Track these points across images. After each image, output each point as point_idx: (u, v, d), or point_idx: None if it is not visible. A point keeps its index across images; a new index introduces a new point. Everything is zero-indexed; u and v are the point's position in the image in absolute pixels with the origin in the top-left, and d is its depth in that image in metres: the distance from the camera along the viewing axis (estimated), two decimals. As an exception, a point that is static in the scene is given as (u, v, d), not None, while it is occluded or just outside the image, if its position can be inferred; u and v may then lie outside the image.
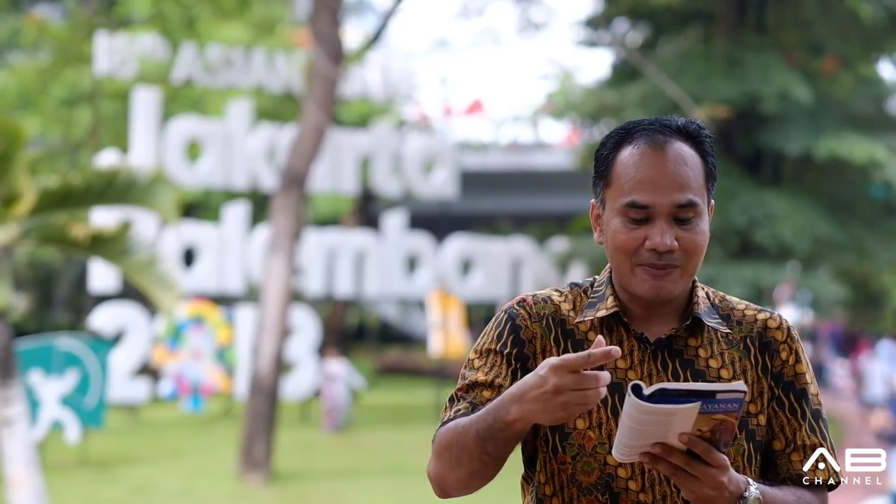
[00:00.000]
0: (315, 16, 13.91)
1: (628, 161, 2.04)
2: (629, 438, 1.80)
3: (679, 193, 2.01)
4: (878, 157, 17.69)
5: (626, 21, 21.93)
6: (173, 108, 20.46)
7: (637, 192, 2.02)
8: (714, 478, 1.83)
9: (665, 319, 2.09)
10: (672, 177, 2.02)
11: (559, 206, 30.45)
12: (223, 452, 14.59)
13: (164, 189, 9.30)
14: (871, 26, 18.41)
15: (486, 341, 2.10)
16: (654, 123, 2.07)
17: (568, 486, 2.05)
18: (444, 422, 2.03)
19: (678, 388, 1.75)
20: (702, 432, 1.79)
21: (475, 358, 2.09)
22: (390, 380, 26.68)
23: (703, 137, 2.08)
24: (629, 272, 2.05)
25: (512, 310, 2.13)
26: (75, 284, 21.34)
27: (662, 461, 1.83)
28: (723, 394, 1.76)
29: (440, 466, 2.01)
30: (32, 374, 12.56)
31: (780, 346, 2.11)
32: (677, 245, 2.01)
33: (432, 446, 2.04)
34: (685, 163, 2.03)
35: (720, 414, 1.77)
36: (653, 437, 1.79)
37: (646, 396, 1.73)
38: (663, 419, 1.75)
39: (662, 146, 2.03)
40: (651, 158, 2.03)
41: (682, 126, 2.07)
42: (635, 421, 1.77)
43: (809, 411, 2.10)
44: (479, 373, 2.06)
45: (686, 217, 2.02)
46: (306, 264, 19.10)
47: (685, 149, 2.05)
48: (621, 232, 2.03)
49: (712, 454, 1.82)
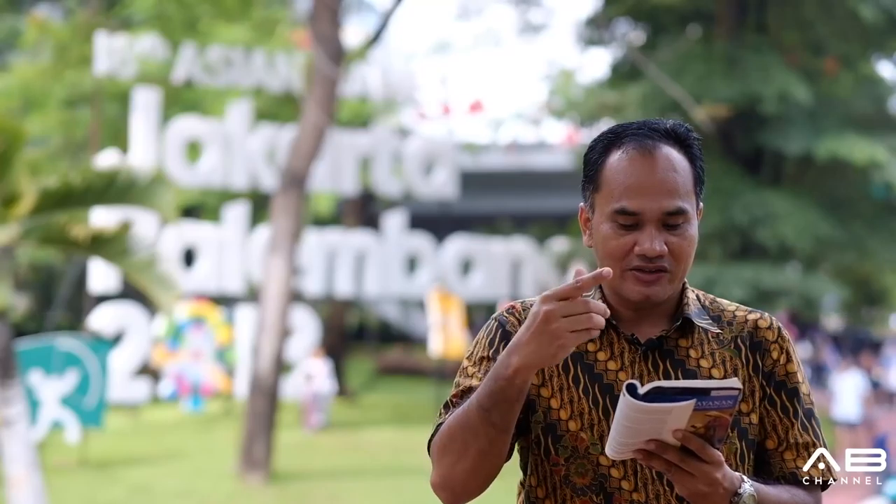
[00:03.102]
0: (315, 16, 13.91)
1: (617, 166, 2.05)
2: (623, 437, 1.81)
3: (668, 200, 2.02)
4: (878, 157, 17.69)
5: (626, 21, 21.94)
6: (173, 108, 20.45)
7: (627, 199, 2.03)
8: (708, 474, 1.84)
9: (655, 321, 2.10)
10: (661, 183, 2.02)
11: (559, 206, 30.44)
12: (223, 452, 14.59)
13: (164, 189, 9.29)
14: (871, 26, 18.41)
15: (479, 349, 2.12)
16: (642, 127, 2.07)
17: (561, 488, 2.06)
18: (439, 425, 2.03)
19: (673, 386, 1.76)
20: (696, 429, 1.80)
21: (469, 365, 2.11)
22: (390, 380, 26.67)
23: (691, 141, 2.08)
24: (619, 277, 2.05)
25: (501, 317, 2.14)
26: (75, 284, 21.33)
27: (657, 457, 1.84)
28: (717, 391, 1.77)
29: (445, 464, 1.99)
30: (32, 374, 12.57)
31: (771, 345, 2.12)
32: (667, 250, 2.02)
33: (431, 454, 2.03)
34: (674, 168, 2.04)
35: (714, 411, 1.78)
36: (647, 435, 1.80)
37: (641, 395, 1.74)
38: (658, 417, 1.76)
39: (651, 151, 2.03)
40: (640, 164, 2.03)
41: (671, 129, 2.07)
42: (630, 420, 1.78)
43: (801, 410, 2.11)
44: (472, 379, 2.07)
45: (675, 223, 2.03)
46: (306, 264, 19.11)
47: (674, 154, 2.05)
48: (611, 238, 2.05)
49: (707, 450, 1.82)
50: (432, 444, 2.03)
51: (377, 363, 29.36)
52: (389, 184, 20.38)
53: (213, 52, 18.83)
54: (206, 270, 18.80)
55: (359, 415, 20.00)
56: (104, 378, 13.21)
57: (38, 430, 12.43)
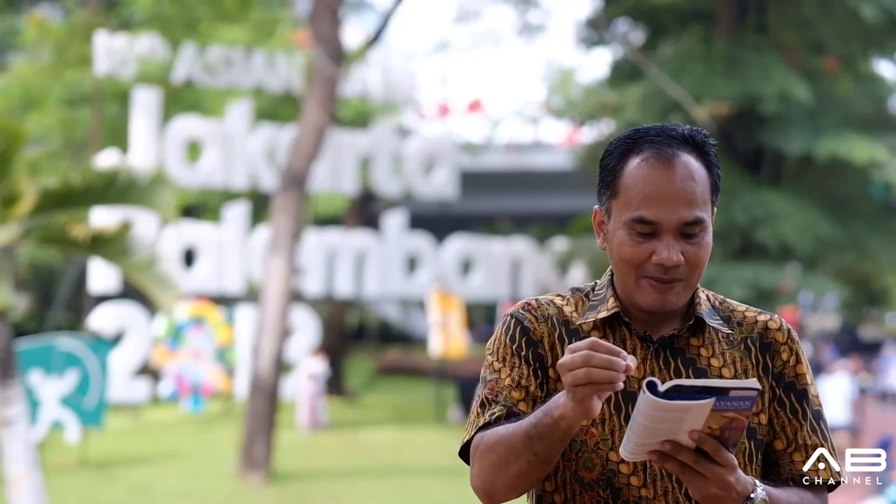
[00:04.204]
0: (315, 16, 13.91)
1: (636, 174, 2.05)
2: (640, 437, 1.81)
3: (686, 210, 2.03)
4: (878, 157, 17.68)
5: (626, 21, 21.93)
6: (173, 108, 20.44)
7: (645, 208, 2.03)
8: (722, 477, 1.84)
9: (667, 321, 2.11)
10: (680, 193, 2.02)
11: (559, 206, 30.47)
12: (223, 452, 14.59)
13: (164, 189, 9.29)
14: (871, 26, 18.40)
15: (501, 346, 2.12)
16: (660, 134, 2.07)
17: (570, 483, 2.07)
18: (481, 427, 2.04)
19: (693, 385, 1.76)
20: (712, 430, 1.80)
21: (494, 361, 2.11)
22: (390, 380, 26.68)
23: (708, 148, 2.08)
24: (634, 283, 2.07)
25: (518, 313, 2.15)
26: (75, 284, 21.32)
27: (671, 459, 1.84)
28: (736, 391, 1.77)
29: (485, 473, 2.00)
30: (32, 374, 12.56)
31: (781, 347, 2.13)
32: (683, 260, 2.04)
33: (472, 453, 2.04)
34: (692, 178, 2.04)
35: (732, 412, 1.78)
36: (663, 435, 1.80)
37: (661, 393, 1.74)
38: (676, 416, 1.76)
39: (671, 160, 2.03)
40: (659, 173, 2.03)
41: (689, 136, 2.07)
42: (648, 418, 1.77)
43: (811, 412, 2.12)
44: (502, 374, 2.08)
45: (692, 232, 2.04)
46: (306, 264, 19.10)
47: (692, 162, 2.05)
48: (628, 245, 2.05)
49: (721, 453, 1.82)
50: (474, 448, 2.03)
51: (377, 363, 29.38)
52: (389, 184, 20.38)
53: (213, 52, 18.83)
54: (206, 270, 18.80)
55: (359, 415, 20.01)
56: (104, 378, 13.21)
57: (38, 430, 12.42)
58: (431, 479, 13.25)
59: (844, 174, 19.29)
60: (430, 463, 14.38)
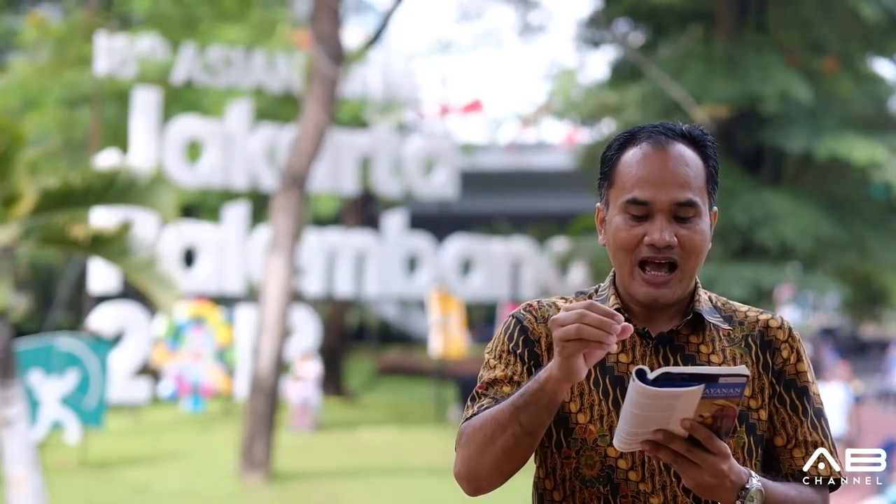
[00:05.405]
0: (315, 16, 13.91)
1: (631, 160, 2.10)
2: (631, 426, 1.82)
3: (679, 191, 2.06)
4: (878, 157, 17.69)
5: (626, 21, 21.94)
6: (173, 108, 20.43)
7: (638, 189, 2.06)
8: (715, 465, 1.85)
9: (667, 317, 2.13)
10: (672, 175, 2.06)
11: (559, 206, 30.48)
12: (223, 452, 14.59)
13: (164, 189, 9.29)
14: (871, 26, 18.41)
15: (499, 344, 2.15)
16: (658, 126, 2.12)
17: (570, 480, 2.08)
18: (469, 417, 2.06)
19: (682, 372, 1.77)
20: (703, 418, 1.81)
21: (490, 358, 2.15)
22: (390, 380, 26.68)
23: (706, 142, 2.12)
24: (629, 274, 2.09)
25: (519, 314, 2.18)
26: (75, 284, 21.31)
27: (664, 448, 1.85)
28: (725, 378, 1.78)
29: (470, 455, 2.01)
30: (32, 374, 12.56)
31: (782, 344, 2.14)
32: (676, 241, 2.05)
33: (458, 440, 2.05)
34: (686, 163, 2.08)
35: (722, 399, 1.79)
36: (655, 424, 1.81)
37: (650, 381, 1.75)
38: (666, 403, 1.77)
39: (664, 146, 2.08)
40: (653, 157, 2.08)
41: (686, 131, 2.12)
42: (639, 407, 1.78)
43: (811, 409, 2.13)
44: (496, 371, 2.11)
45: (686, 216, 2.06)
46: (306, 264, 19.10)
47: (687, 151, 2.09)
48: (622, 229, 2.08)
49: (713, 441, 1.83)
50: (459, 436, 2.06)
51: (377, 363, 29.37)
52: (389, 184, 20.37)
53: (213, 52, 18.82)
54: (206, 270, 18.80)
55: (359, 415, 20.01)
56: (104, 378, 13.20)
57: (38, 430, 12.42)
58: (431, 479, 13.25)
59: (844, 174, 19.31)
60: (430, 463, 14.37)
